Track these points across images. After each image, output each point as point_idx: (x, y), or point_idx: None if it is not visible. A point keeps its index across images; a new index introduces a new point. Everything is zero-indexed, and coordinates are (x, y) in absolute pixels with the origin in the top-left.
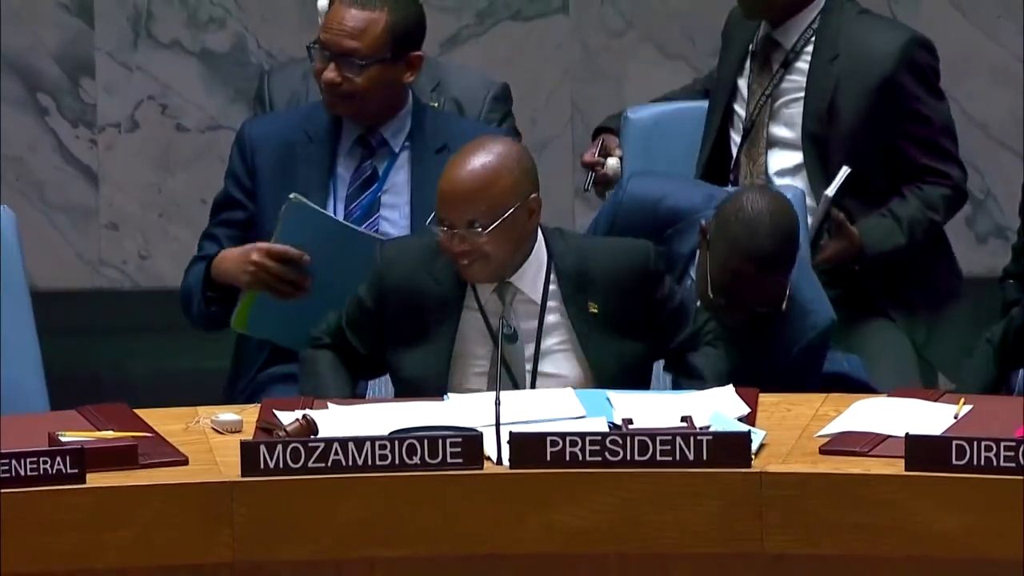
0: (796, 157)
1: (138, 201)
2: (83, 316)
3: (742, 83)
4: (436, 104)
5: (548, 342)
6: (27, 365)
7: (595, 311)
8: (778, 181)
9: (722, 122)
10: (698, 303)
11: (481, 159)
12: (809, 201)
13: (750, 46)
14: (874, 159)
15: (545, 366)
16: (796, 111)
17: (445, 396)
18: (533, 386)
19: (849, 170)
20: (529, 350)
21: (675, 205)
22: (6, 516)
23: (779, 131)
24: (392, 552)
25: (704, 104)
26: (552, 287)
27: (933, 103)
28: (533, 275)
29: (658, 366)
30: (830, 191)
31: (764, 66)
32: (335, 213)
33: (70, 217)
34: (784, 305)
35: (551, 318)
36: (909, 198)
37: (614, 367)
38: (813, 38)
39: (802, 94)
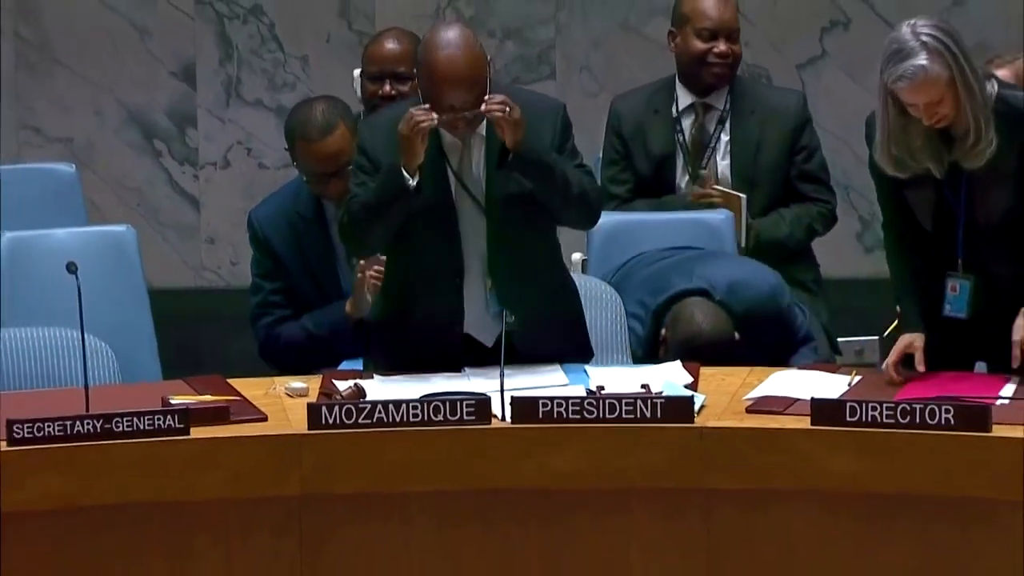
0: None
1: (229, 221)
2: (187, 308)
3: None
4: None
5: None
6: (144, 345)
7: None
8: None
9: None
10: None
11: (466, 48)
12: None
13: (674, 116)
14: (781, 187)
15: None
16: (727, 157)
17: (463, 370)
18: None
19: (745, 196)
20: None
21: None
22: (129, 460)
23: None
24: (422, 487)
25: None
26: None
27: (815, 145)
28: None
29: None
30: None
31: (702, 125)
32: (341, 275)
33: (178, 233)
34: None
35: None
36: (795, 207)
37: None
38: (731, 101)
39: (727, 139)
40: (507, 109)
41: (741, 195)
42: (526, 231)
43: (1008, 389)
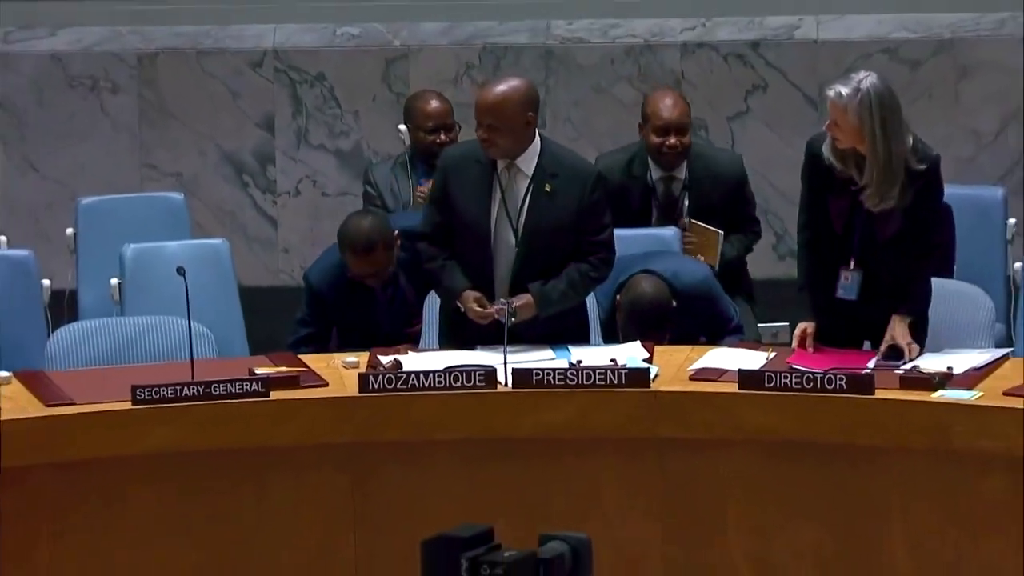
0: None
1: (299, 236)
2: (267, 301)
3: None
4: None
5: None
6: (235, 329)
7: (548, 188)
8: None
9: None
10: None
11: (505, 87)
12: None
13: (650, 185)
14: (729, 224)
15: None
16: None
17: (475, 348)
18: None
19: (722, 232)
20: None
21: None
22: (224, 416)
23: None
24: (444, 436)
25: None
26: (537, 166)
27: (751, 193)
28: (528, 158)
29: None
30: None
31: (669, 191)
32: (379, 315)
33: (260, 245)
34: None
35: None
36: (739, 236)
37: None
38: (689, 173)
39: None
40: (513, 313)
41: (719, 231)
42: (549, 257)
43: (871, 363)
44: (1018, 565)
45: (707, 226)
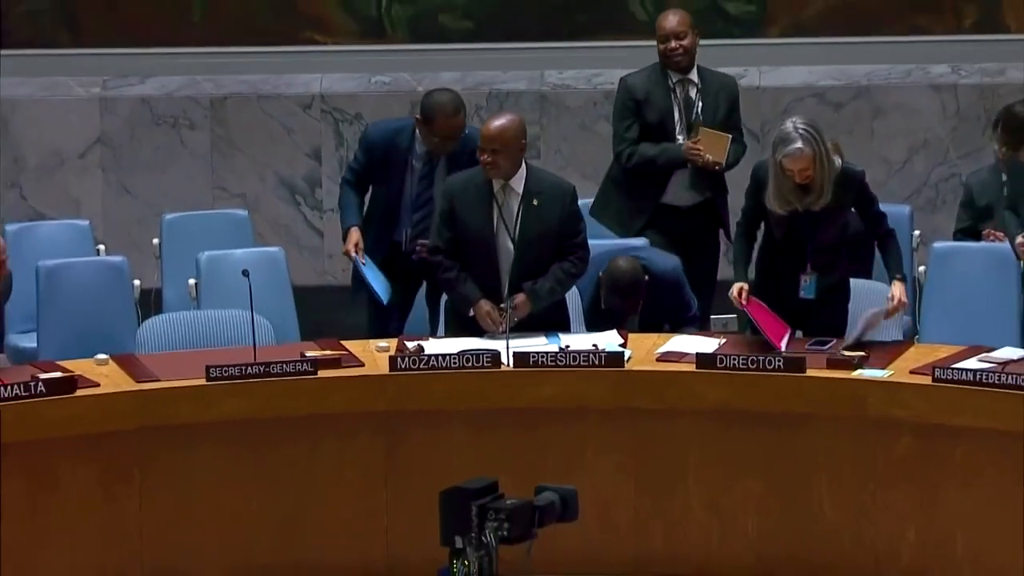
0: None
1: (340, 244)
2: (315, 297)
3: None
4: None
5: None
6: (289, 320)
7: (535, 202)
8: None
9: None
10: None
11: (504, 121)
12: None
13: (670, 86)
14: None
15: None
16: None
17: (484, 335)
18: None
19: (730, 136)
20: (513, 210)
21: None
22: (281, 390)
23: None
24: (458, 407)
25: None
26: (525, 187)
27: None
28: (518, 179)
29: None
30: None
31: (687, 93)
32: (406, 183)
33: (310, 252)
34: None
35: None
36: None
37: (536, 230)
38: (701, 79)
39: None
40: (515, 318)
41: (727, 135)
42: (539, 257)
43: (785, 340)
44: (920, 510)
45: (716, 131)
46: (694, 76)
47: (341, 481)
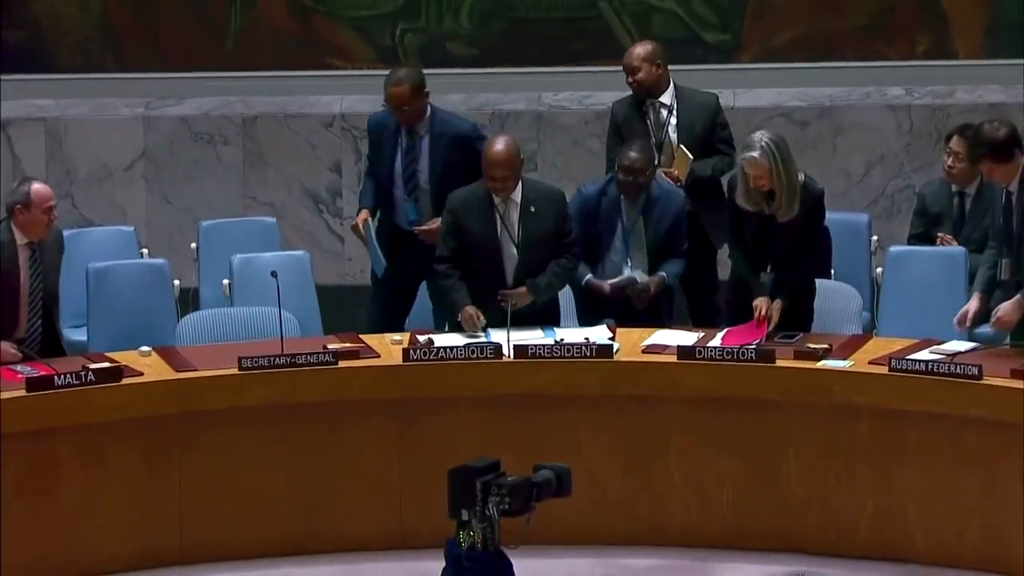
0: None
1: (359, 249)
2: (336, 296)
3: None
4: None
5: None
6: (312, 317)
7: (533, 209)
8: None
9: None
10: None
11: (506, 147)
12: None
13: (644, 111)
14: (706, 147)
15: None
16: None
17: (487, 332)
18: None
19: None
20: (514, 218)
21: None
22: (305, 379)
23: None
24: (465, 393)
25: None
26: (522, 197)
27: (724, 119)
28: (516, 191)
29: (568, 321)
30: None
31: (657, 117)
32: (397, 160)
33: (332, 256)
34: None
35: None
36: (714, 157)
37: (535, 234)
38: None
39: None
40: (515, 302)
41: (689, 156)
42: (539, 258)
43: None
44: (877, 486)
45: (684, 150)
46: (666, 99)
47: (359, 460)
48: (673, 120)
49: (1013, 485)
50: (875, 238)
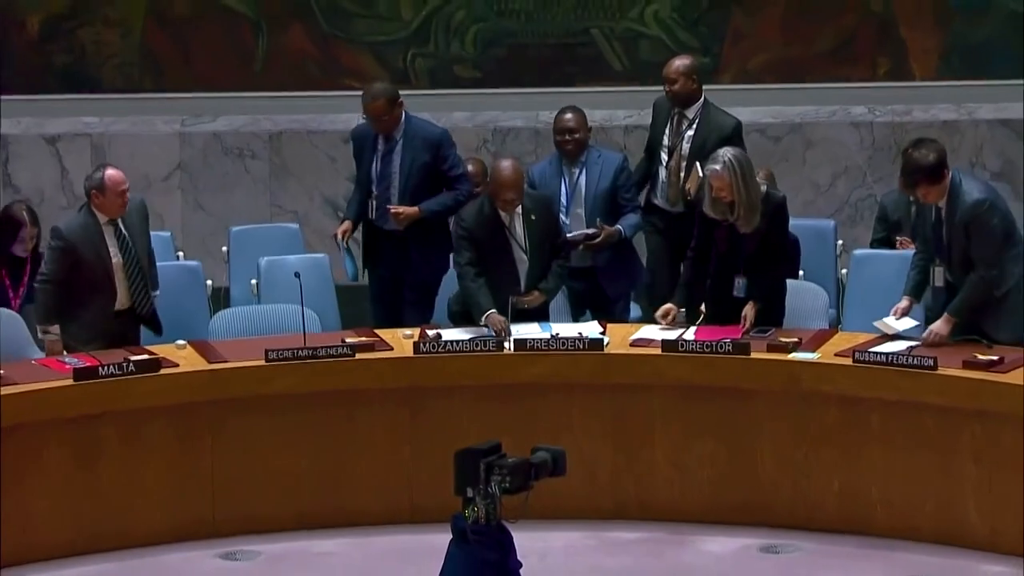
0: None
1: None
2: (353, 296)
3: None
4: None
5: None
6: (331, 313)
7: (533, 218)
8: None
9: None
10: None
11: (514, 171)
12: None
13: (669, 116)
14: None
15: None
16: (688, 145)
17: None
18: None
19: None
20: (519, 227)
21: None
22: (325, 369)
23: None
24: (469, 383)
25: None
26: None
27: (740, 139)
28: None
29: (563, 317)
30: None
31: (678, 126)
32: (374, 166)
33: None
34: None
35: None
36: None
37: (538, 239)
38: (701, 114)
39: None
40: (533, 305)
41: (698, 173)
42: (543, 260)
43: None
44: (843, 466)
45: (697, 164)
46: (691, 112)
47: (373, 443)
48: (690, 132)
49: (965, 465)
50: (840, 242)
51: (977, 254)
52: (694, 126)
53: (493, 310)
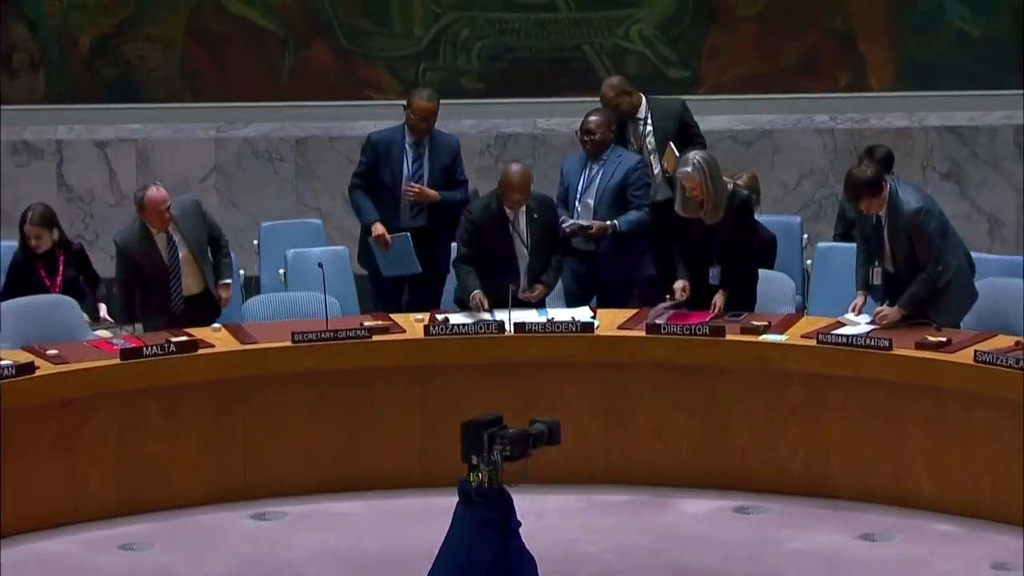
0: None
1: None
2: (369, 284)
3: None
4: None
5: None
6: (351, 300)
7: (535, 216)
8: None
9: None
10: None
11: (523, 174)
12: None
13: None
14: (682, 144)
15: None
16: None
17: (491, 313)
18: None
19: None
20: (523, 224)
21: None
22: (345, 350)
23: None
24: (474, 362)
25: None
26: (525, 207)
27: (691, 119)
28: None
29: (557, 302)
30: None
31: (635, 131)
32: (404, 164)
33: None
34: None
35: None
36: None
37: (538, 236)
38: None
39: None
40: (539, 297)
41: (672, 150)
42: (543, 255)
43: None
44: (806, 437)
45: (672, 144)
46: (641, 113)
47: (388, 416)
48: (649, 128)
49: (915, 435)
50: (806, 236)
51: (922, 255)
52: (648, 122)
53: (478, 290)
